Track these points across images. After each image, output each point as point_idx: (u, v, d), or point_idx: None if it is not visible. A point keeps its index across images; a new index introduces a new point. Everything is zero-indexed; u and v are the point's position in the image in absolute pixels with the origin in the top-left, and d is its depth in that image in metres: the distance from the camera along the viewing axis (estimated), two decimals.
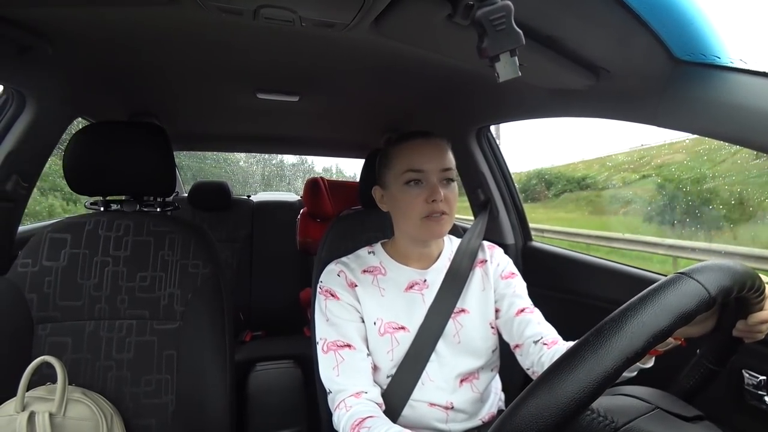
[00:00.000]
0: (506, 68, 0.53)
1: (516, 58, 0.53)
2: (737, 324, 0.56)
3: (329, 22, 0.72)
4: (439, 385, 0.87)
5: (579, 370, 0.37)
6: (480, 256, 0.97)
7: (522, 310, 0.90)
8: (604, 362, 0.37)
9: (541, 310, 0.92)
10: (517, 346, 0.90)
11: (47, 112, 1.15)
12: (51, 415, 0.80)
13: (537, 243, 1.56)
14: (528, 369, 0.88)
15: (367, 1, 0.63)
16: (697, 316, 0.41)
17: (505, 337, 0.92)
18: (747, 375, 0.82)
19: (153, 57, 1.01)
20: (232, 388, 0.97)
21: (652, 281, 0.45)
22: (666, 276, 0.45)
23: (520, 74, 0.53)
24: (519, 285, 0.95)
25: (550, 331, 0.87)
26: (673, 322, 0.39)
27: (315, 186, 2.05)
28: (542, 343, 0.84)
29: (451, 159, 0.88)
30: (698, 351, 0.61)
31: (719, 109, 0.64)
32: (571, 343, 0.82)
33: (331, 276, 0.90)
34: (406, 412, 0.86)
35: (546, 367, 0.80)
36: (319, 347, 0.87)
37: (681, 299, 0.40)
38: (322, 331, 0.87)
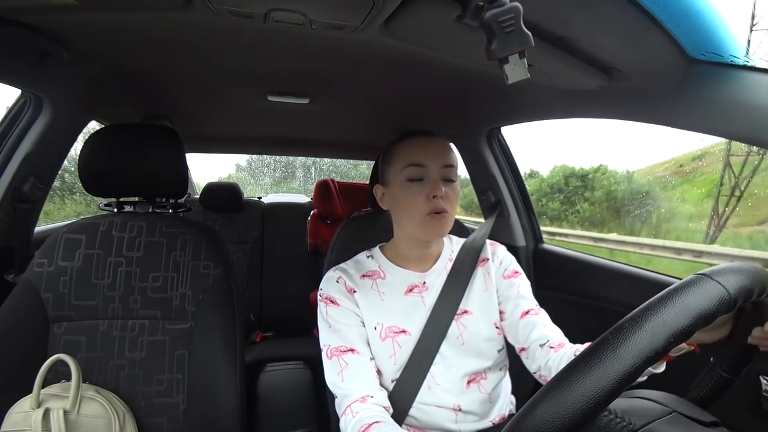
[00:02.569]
0: (515, 70, 0.52)
1: (525, 59, 0.52)
2: (753, 331, 0.55)
3: (339, 24, 0.72)
4: (445, 388, 0.86)
5: (598, 368, 0.37)
6: (482, 255, 0.95)
7: (527, 312, 0.88)
8: (624, 360, 0.37)
9: (551, 314, 0.91)
10: (522, 349, 0.88)
11: (63, 116, 1.18)
12: (65, 412, 0.82)
13: (548, 245, 1.55)
14: (535, 372, 0.87)
15: (377, 3, 0.63)
16: (717, 318, 0.41)
17: (511, 340, 0.91)
18: (764, 381, 0.80)
19: (165, 61, 1.03)
20: (242, 388, 0.98)
21: (666, 284, 0.44)
22: (680, 279, 0.44)
23: (529, 76, 0.53)
24: (523, 285, 0.93)
25: (556, 334, 0.86)
26: (694, 322, 0.39)
27: (325, 188, 2.06)
28: (549, 347, 0.83)
29: (453, 157, 0.87)
30: (712, 359, 0.59)
31: (735, 108, 0.63)
32: (578, 346, 0.81)
33: (330, 283, 0.90)
34: (416, 414, 0.86)
35: (553, 371, 0.79)
36: (323, 353, 0.87)
37: (702, 299, 0.40)
38: (325, 338, 0.87)
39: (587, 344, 0.77)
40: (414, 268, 0.92)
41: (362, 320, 0.88)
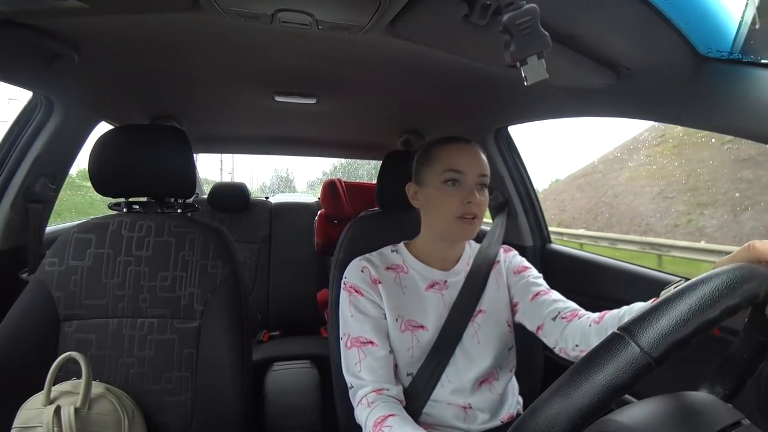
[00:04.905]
0: (533, 71, 0.53)
1: (543, 60, 0.52)
2: None
3: (345, 24, 0.72)
4: (457, 387, 0.87)
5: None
6: (495, 258, 0.98)
7: (537, 294, 0.90)
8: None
9: None
10: (539, 328, 0.88)
11: (73, 117, 1.19)
12: (76, 409, 0.83)
13: (556, 245, 1.54)
14: (554, 347, 0.85)
15: (383, 3, 0.63)
16: (636, 385, 0.35)
17: (529, 326, 0.91)
18: None
19: (174, 62, 1.03)
20: (249, 387, 0.98)
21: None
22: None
23: (547, 76, 0.53)
24: (533, 274, 0.95)
25: (568, 305, 0.86)
26: (601, 401, 0.34)
27: (332, 187, 2.06)
28: (560, 318, 0.83)
29: (488, 166, 0.89)
30: (746, 319, 0.57)
31: (747, 106, 0.62)
32: (594, 316, 0.79)
33: (355, 272, 0.92)
34: (426, 410, 0.87)
35: (569, 341, 0.79)
36: (342, 342, 0.88)
37: (612, 373, 0.34)
38: (346, 327, 0.89)
39: (605, 312, 0.76)
40: (437, 266, 0.94)
41: (384, 312, 0.89)
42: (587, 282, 1.32)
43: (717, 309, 0.35)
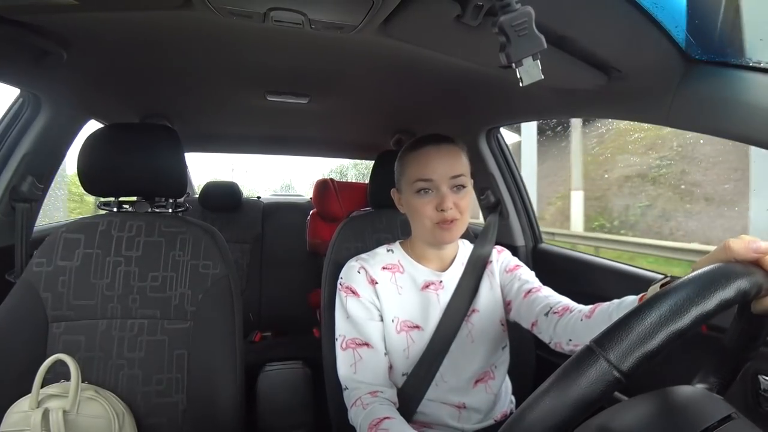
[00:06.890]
0: (529, 72, 0.54)
1: (538, 61, 0.53)
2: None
3: (338, 24, 0.72)
4: (452, 386, 0.88)
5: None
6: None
7: (529, 291, 0.90)
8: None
9: None
10: (533, 324, 0.87)
11: (61, 115, 1.18)
12: (65, 412, 0.82)
13: (547, 245, 1.55)
14: (550, 343, 0.84)
15: (376, 3, 0.63)
16: (605, 399, 0.35)
17: (524, 324, 0.91)
18: (763, 380, 0.81)
19: (164, 60, 1.02)
20: (242, 388, 0.98)
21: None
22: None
23: (543, 77, 0.53)
24: (525, 273, 0.95)
25: (560, 300, 0.85)
26: (571, 416, 0.33)
27: (324, 187, 2.05)
28: (553, 313, 0.82)
29: (463, 164, 0.87)
30: (736, 311, 0.57)
31: (734, 108, 0.63)
32: (586, 309, 0.78)
33: (351, 272, 0.91)
34: (420, 408, 0.87)
35: (563, 335, 0.78)
36: (337, 344, 0.88)
37: (582, 389, 0.33)
38: (342, 328, 0.89)
39: (597, 304, 0.75)
40: (431, 266, 0.94)
41: (380, 313, 0.89)
42: (578, 281, 1.33)
43: (688, 318, 0.35)
